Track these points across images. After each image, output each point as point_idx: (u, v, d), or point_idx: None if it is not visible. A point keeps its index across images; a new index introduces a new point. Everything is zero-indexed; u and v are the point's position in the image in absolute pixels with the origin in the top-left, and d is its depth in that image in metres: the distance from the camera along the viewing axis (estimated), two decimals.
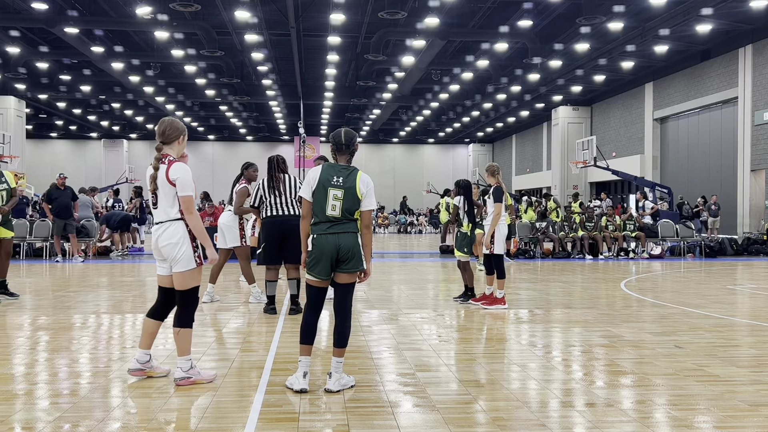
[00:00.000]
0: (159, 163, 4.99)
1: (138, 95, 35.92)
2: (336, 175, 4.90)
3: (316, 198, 4.88)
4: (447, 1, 21.38)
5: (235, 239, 9.34)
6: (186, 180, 4.93)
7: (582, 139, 30.93)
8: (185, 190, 4.93)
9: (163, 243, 4.96)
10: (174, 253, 4.94)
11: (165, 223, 4.99)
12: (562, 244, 18.58)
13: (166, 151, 5.05)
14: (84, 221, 17.44)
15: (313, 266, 4.85)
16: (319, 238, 4.85)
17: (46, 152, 52.35)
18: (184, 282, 4.98)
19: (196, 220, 4.96)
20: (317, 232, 4.86)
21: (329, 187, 4.87)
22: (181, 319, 5.01)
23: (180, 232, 4.96)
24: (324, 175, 4.91)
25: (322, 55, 29.44)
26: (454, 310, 8.86)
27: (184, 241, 4.95)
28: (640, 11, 22.45)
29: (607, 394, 4.83)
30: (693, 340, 6.78)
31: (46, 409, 4.42)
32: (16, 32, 26.18)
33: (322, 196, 4.87)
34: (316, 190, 4.88)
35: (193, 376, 5.00)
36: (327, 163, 5.07)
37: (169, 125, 5.11)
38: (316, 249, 4.83)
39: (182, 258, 4.94)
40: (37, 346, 6.44)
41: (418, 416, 4.32)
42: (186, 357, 5.01)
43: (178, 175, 4.91)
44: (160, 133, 5.09)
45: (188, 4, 20.77)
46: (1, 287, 9.45)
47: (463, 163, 56.70)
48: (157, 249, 5.03)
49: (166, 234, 4.96)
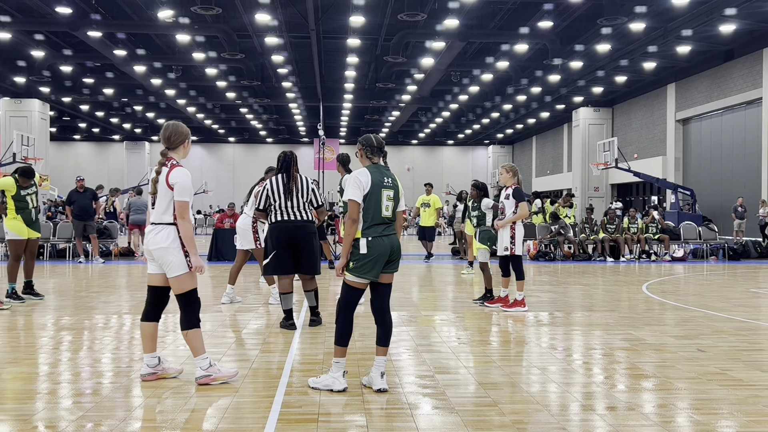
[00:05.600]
0: (162, 166, 5.02)
1: (159, 98, 36.27)
2: (384, 176, 4.96)
3: (371, 200, 4.86)
4: (467, 2, 21.34)
5: (250, 242, 9.38)
6: (184, 185, 4.94)
7: (603, 141, 30.69)
8: (182, 195, 4.93)
9: (154, 246, 4.98)
10: (165, 258, 4.96)
11: (158, 225, 5.01)
12: (583, 247, 18.45)
13: (172, 155, 5.09)
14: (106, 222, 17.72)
15: (369, 269, 4.84)
16: (375, 240, 4.84)
17: (70, 154, 53.01)
18: (181, 285, 5.00)
19: (187, 226, 4.96)
20: (372, 234, 4.85)
21: (383, 188, 4.90)
22: (187, 321, 5.04)
23: (171, 236, 4.97)
24: (375, 176, 4.91)
25: (341, 58, 29.51)
26: (474, 312, 8.83)
27: (174, 245, 4.95)
28: (662, 11, 22.24)
29: (628, 398, 4.79)
30: (716, 344, 6.70)
31: (68, 408, 4.47)
32: (41, 36, 26.56)
33: (378, 197, 4.87)
34: (370, 192, 4.86)
35: (213, 374, 5.03)
36: (371, 165, 5.03)
37: (174, 130, 5.13)
38: (373, 252, 4.82)
39: (173, 263, 4.96)
40: (60, 345, 6.51)
41: (437, 418, 4.31)
42: (202, 356, 5.04)
43: (177, 180, 4.93)
44: (165, 138, 5.12)
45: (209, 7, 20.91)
46: (26, 287, 9.59)
47: (482, 164, 56.54)
48: (148, 250, 5.07)
49: (158, 237, 4.98)
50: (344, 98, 36.63)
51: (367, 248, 4.83)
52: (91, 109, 40.85)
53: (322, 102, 36.53)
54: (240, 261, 9.54)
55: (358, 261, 4.85)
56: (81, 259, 16.37)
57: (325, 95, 36.08)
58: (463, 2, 21.45)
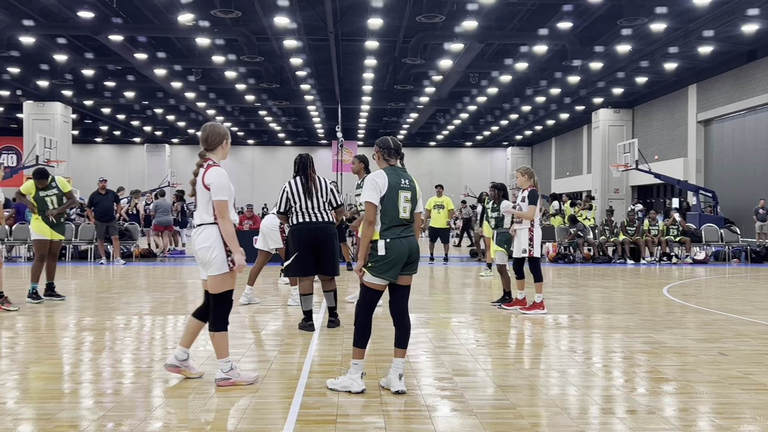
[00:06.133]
0: (198, 167, 5.08)
1: (180, 101, 36.55)
2: (401, 177, 4.97)
3: (388, 202, 4.87)
4: (485, 4, 21.27)
5: (277, 241, 9.46)
6: (221, 184, 4.99)
7: (623, 142, 30.44)
8: (219, 194, 4.98)
9: (198, 246, 5.05)
10: (207, 257, 5.01)
11: (201, 226, 5.06)
12: (603, 249, 18.32)
13: (210, 156, 5.14)
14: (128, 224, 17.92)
15: (387, 270, 4.85)
16: (393, 242, 4.86)
17: (92, 157, 53.57)
18: (217, 285, 5.03)
19: (228, 224, 5.00)
20: (390, 236, 4.86)
21: (400, 190, 4.91)
22: (215, 323, 5.07)
23: (213, 236, 5.01)
24: (392, 178, 4.93)
25: (359, 60, 29.55)
26: (492, 314, 8.80)
27: (216, 245, 4.99)
28: (683, 12, 22.02)
29: (648, 401, 4.75)
30: (738, 348, 6.62)
31: (90, 408, 4.52)
32: (64, 40, 26.88)
33: (395, 199, 4.88)
34: (387, 194, 4.88)
35: (233, 378, 5.06)
36: (388, 167, 5.04)
37: (212, 132, 5.18)
38: (392, 253, 4.84)
39: (214, 262, 4.99)
40: (82, 346, 6.59)
41: (455, 420, 4.30)
42: (225, 359, 5.07)
43: (212, 180, 4.99)
44: (203, 140, 5.17)
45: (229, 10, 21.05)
46: (48, 289, 9.71)
47: (501, 166, 56.30)
48: (194, 252, 5.12)
49: (201, 237, 5.04)
50: (362, 100, 36.68)
51: (385, 250, 4.84)
52: (112, 112, 41.26)
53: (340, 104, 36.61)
54: (261, 262, 9.60)
55: (377, 262, 4.86)
56: (102, 260, 16.54)
57: (343, 97, 36.15)
58: (481, 4, 21.38)
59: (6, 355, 6.20)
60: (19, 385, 5.12)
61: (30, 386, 5.10)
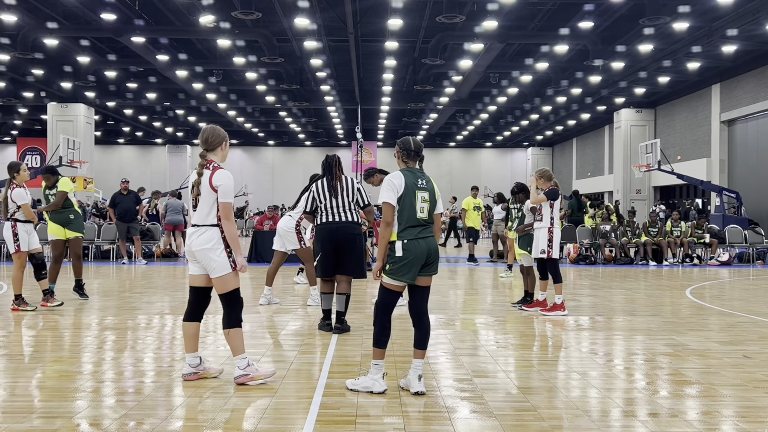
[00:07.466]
0: (203, 169, 5.12)
1: (201, 102, 36.82)
2: (418, 178, 4.96)
3: (405, 202, 4.87)
4: (505, 3, 21.18)
5: (293, 243, 9.46)
6: (228, 187, 5.06)
7: (645, 143, 30.15)
8: (227, 196, 5.05)
9: (198, 247, 5.08)
10: (208, 259, 5.05)
11: (201, 227, 5.10)
12: (625, 250, 18.15)
13: (210, 157, 5.20)
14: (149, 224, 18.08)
15: (406, 272, 4.84)
16: (411, 243, 4.85)
17: (114, 158, 54.13)
18: (224, 285, 5.08)
19: (231, 227, 5.07)
20: (407, 237, 4.85)
21: (416, 190, 4.90)
22: (229, 320, 5.12)
23: (215, 238, 5.06)
24: (409, 178, 4.93)
25: (379, 60, 29.56)
26: (512, 315, 8.75)
27: (218, 246, 5.04)
28: (706, 11, 21.77)
29: (671, 404, 4.69)
30: (763, 350, 6.52)
31: (111, 407, 4.56)
32: (86, 42, 27.20)
33: (412, 199, 4.88)
34: (404, 194, 4.88)
35: (251, 373, 5.09)
36: (405, 168, 5.05)
37: (211, 133, 5.26)
38: (409, 254, 4.83)
39: (217, 264, 5.04)
40: (104, 345, 6.65)
41: (475, 422, 4.28)
42: (241, 355, 5.12)
43: (221, 182, 5.04)
44: (203, 141, 5.24)
45: (249, 12, 21.16)
46: (77, 285, 9.77)
47: (521, 167, 56.03)
48: (191, 251, 5.15)
49: (201, 239, 5.07)
50: (382, 101, 36.69)
51: (402, 251, 4.83)
52: (134, 113, 41.67)
53: (360, 105, 36.66)
54: (277, 262, 9.62)
55: (394, 264, 4.86)
56: (124, 260, 16.70)
57: (363, 98, 36.20)
58: (501, 3, 21.29)
59: (29, 354, 6.28)
60: (42, 384, 5.18)
61: (52, 384, 5.15)
